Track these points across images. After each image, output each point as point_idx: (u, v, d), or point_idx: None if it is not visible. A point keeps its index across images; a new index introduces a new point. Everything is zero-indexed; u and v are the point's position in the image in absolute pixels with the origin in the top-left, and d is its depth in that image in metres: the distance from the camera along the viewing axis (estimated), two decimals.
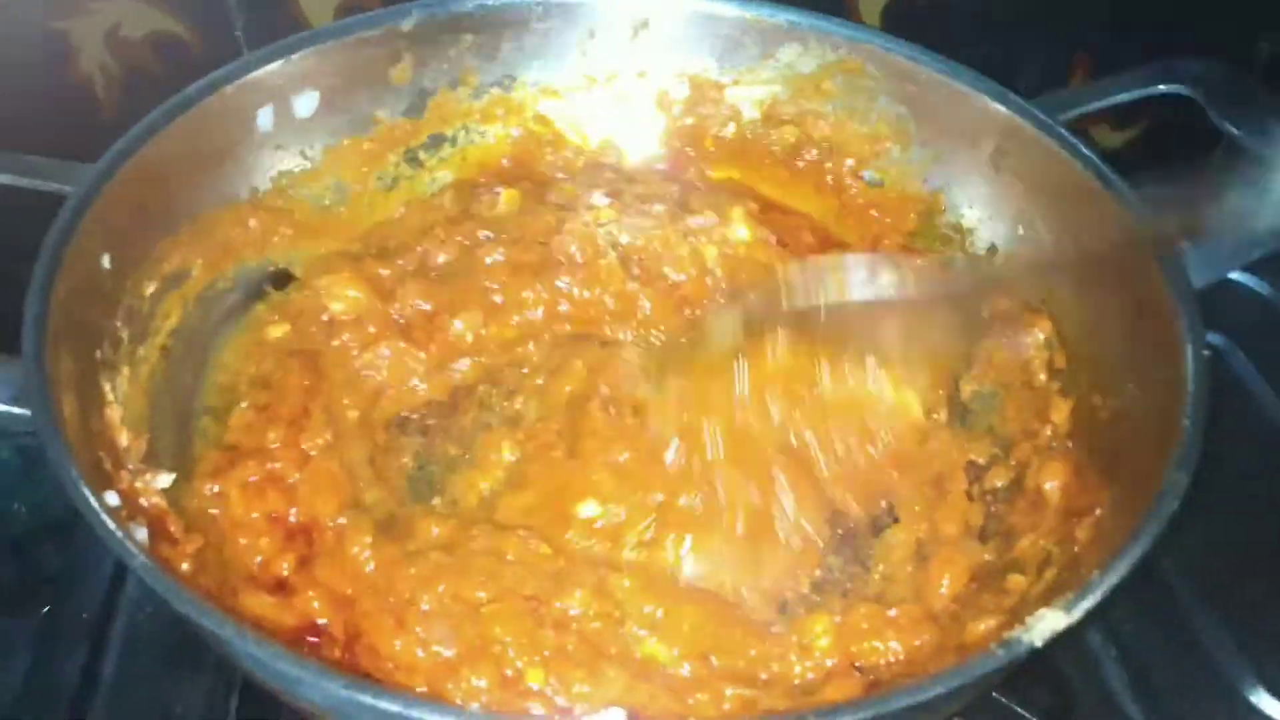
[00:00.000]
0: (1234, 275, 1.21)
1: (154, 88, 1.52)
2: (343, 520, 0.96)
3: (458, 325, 1.08)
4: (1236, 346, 1.22)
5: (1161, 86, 1.10)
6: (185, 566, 0.84)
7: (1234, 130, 1.03)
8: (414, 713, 0.66)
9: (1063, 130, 1.09)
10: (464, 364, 1.10)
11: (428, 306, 1.11)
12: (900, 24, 1.55)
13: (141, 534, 0.77)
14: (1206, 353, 0.87)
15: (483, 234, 1.18)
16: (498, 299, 1.11)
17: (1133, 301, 0.99)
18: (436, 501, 1.03)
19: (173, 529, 0.88)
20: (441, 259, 1.16)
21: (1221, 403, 0.84)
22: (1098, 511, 0.91)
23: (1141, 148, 1.66)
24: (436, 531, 0.96)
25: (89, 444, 0.84)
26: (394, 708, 0.66)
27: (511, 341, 1.12)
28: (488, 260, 1.14)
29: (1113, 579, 0.74)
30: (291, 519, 0.97)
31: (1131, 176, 1.06)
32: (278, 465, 0.99)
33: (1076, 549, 0.90)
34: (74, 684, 1.00)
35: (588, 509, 0.98)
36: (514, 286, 1.12)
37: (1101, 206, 1.02)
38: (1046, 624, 0.73)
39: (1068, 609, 0.73)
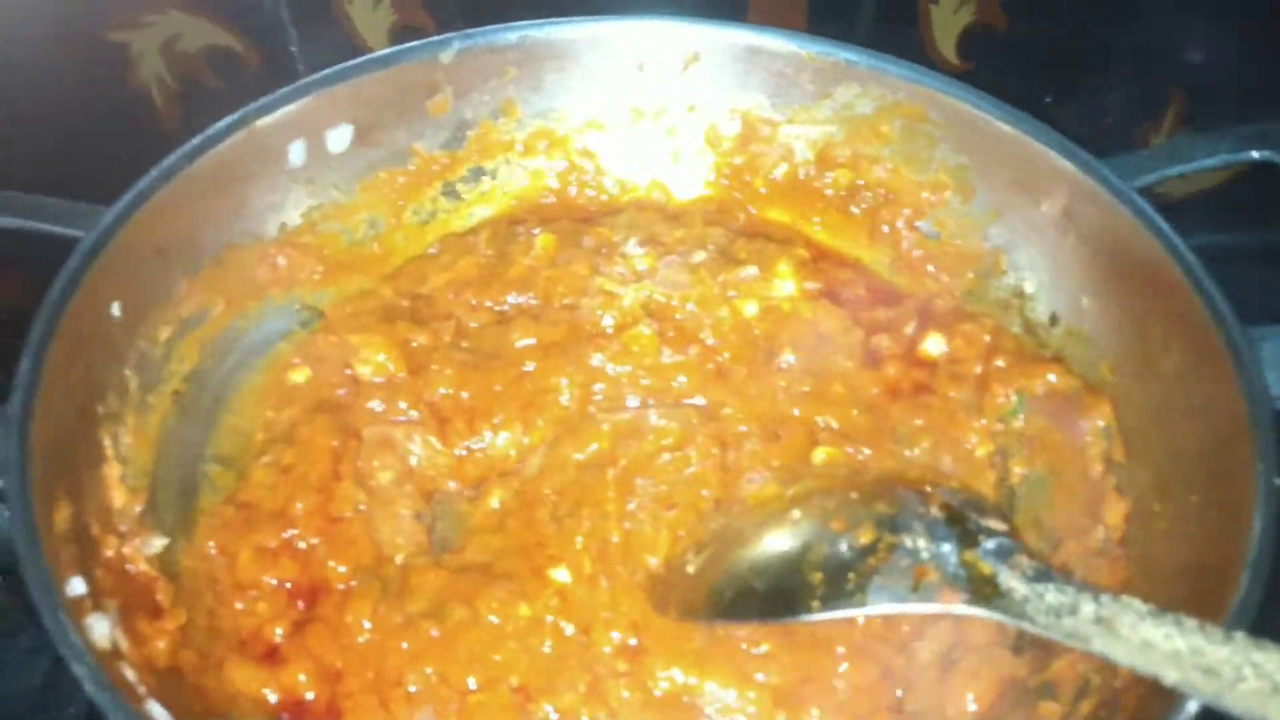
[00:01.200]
0: None
1: (210, 100, 1.53)
2: (354, 583, 0.94)
3: (500, 441, 1.03)
4: None
5: (1254, 153, 0.99)
6: (161, 645, 0.82)
7: None
8: None
9: (1138, 198, 0.99)
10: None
11: (463, 396, 1.06)
12: (977, 53, 1.46)
13: (104, 628, 0.75)
14: (1278, 481, 0.77)
15: (512, 299, 1.14)
16: (529, 386, 1.06)
17: (1203, 401, 0.90)
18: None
19: (159, 597, 0.86)
20: (474, 325, 1.12)
21: None
22: None
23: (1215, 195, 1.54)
24: (426, 585, 0.93)
25: (77, 512, 0.82)
26: None
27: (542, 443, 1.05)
28: (518, 344, 1.09)
29: None
30: (294, 582, 0.94)
31: (1201, 233, 0.96)
32: (298, 532, 0.96)
33: (1118, 684, 0.82)
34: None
35: (560, 574, 0.94)
36: (545, 370, 1.07)
37: (1176, 294, 0.92)
38: None
39: None
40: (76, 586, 0.75)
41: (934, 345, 1.13)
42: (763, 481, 1.00)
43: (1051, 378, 1.05)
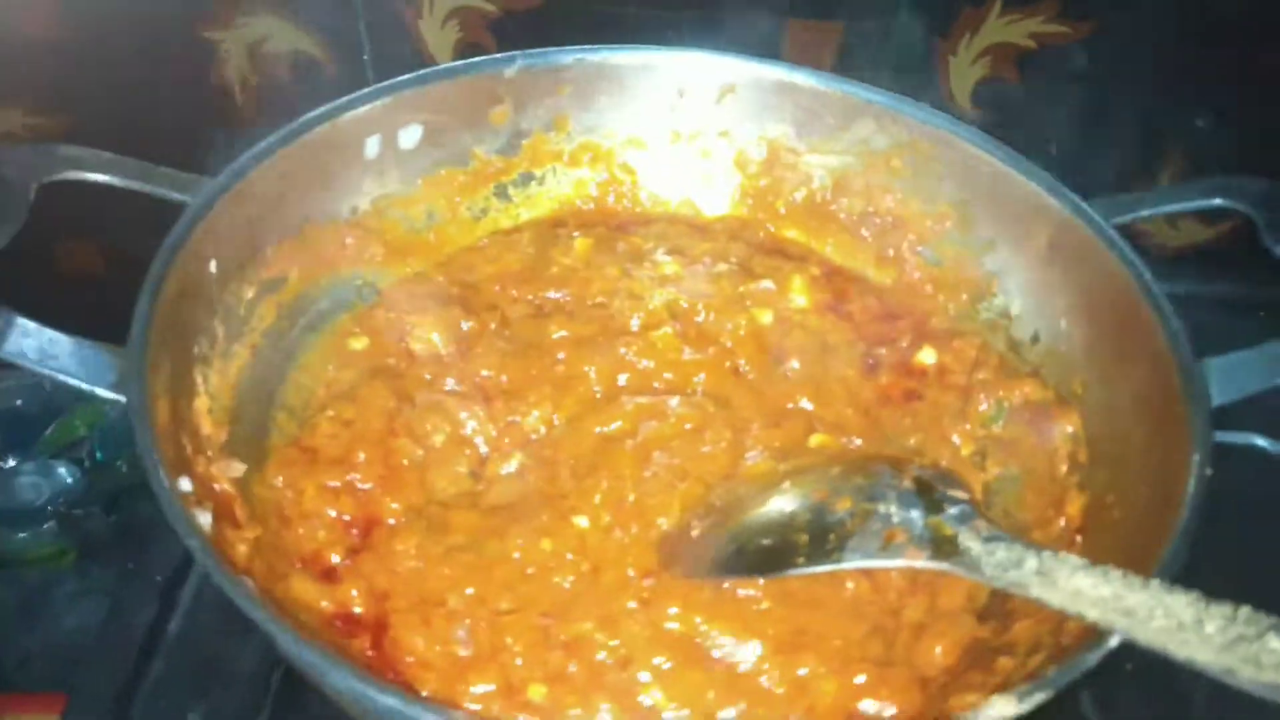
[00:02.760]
0: None
1: (286, 101, 1.68)
2: (402, 520, 1.06)
3: (532, 419, 1.15)
4: None
5: (1218, 200, 1.12)
6: (242, 549, 0.95)
7: None
8: (413, 712, 0.75)
9: (1113, 233, 1.13)
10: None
11: (503, 379, 1.18)
12: (990, 103, 1.59)
13: (206, 519, 0.88)
14: (1209, 472, 0.90)
15: (550, 294, 1.27)
16: (561, 371, 1.18)
17: (1156, 409, 1.02)
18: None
19: (238, 513, 0.99)
20: (515, 315, 1.25)
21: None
22: None
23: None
24: (464, 524, 1.05)
25: (175, 430, 0.95)
26: (394, 703, 0.75)
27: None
28: (555, 335, 1.22)
29: (1066, 678, 0.78)
30: (352, 516, 1.07)
31: (1187, 282, 1.09)
32: (358, 476, 1.09)
33: (1064, 640, 0.93)
34: (142, 635, 1.13)
35: (580, 520, 1.06)
36: (576, 359, 1.19)
37: (1141, 319, 1.05)
38: (995, 710, 0.77)
39: (1020, 698, 0.78)
40: (184, 484, 0.88)
41: (927, 356, 1.25)
42: (760, 458, 1.12)
43: (1027, 390, 1.18)
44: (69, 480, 1.45)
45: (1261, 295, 1.56)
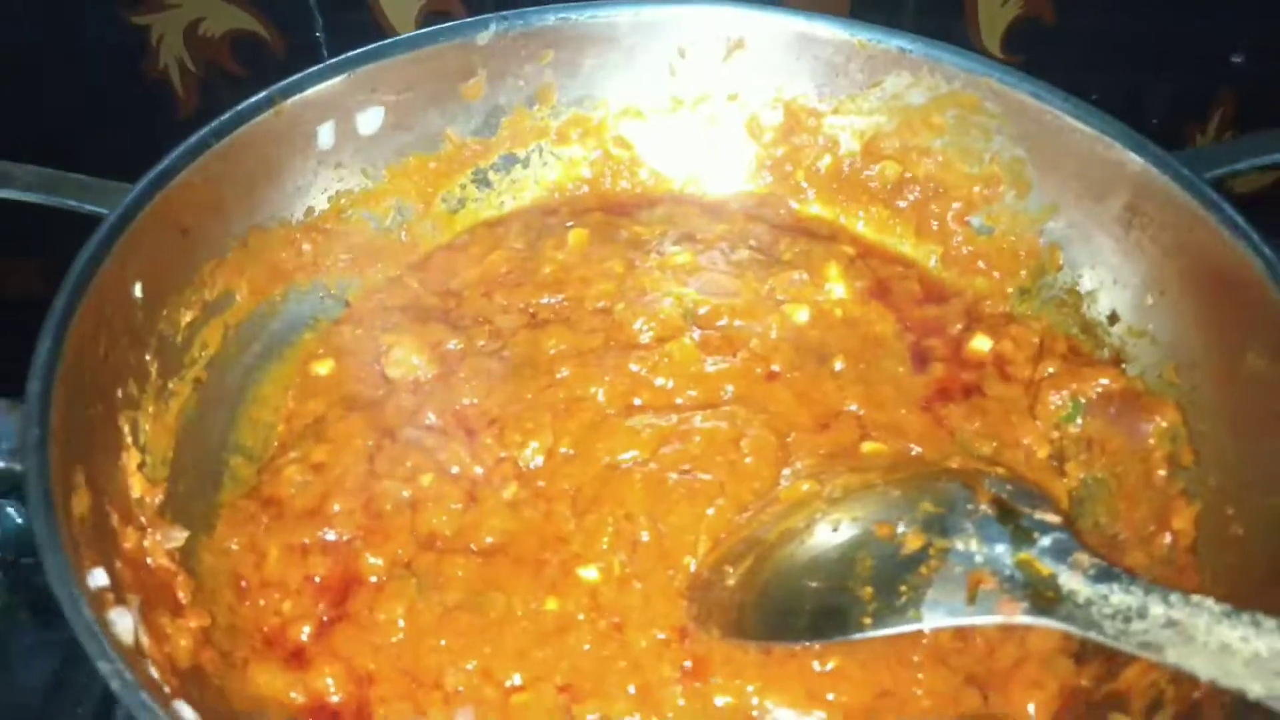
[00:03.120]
0: None
1: (232, 86, 1.49)
2: (387, 577, 0.89)
3: (528, 452, 0.97)
4: None
5: None
6: (184, 643, 0.78)
7: None
8: None
9: (1210, 190, 0.95)
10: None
11: (492, 408, 1.00)
12: (1024, 47, 1.41)
13: (127, 623, 0.70)
14: None
15: (545, 299, 1.09)
16: (562, 395, 1.00)
17: (1278, 405, 0.85)
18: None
19: (180, 594, 0.81)
20: (506, 326, 1.07)
21: None
22: None
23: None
24: (460, 574, 0.89)
25: (96, 501, 0.78)
26: None
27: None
28: (552, 350, 1.04)
29: None
30: (325, 577, 0.90)
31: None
32: (334, 530, 0.92)
33: (1197, 695, 0.77)
34: (102, 687, 0.97)
35: (589, 574, 0.89)
36: (580, 380, 1.01)
37: (1253, 293, 0.88)
38: None
39: None
40: (98, 578, 0.70)
41: (981, 344, 1.08)
42: (804, 470, 0.95)
43: (1105, 381, 1.01)
44: (17, 521, 1.28)
45: None
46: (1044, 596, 0.76)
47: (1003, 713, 0.83)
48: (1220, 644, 0.67)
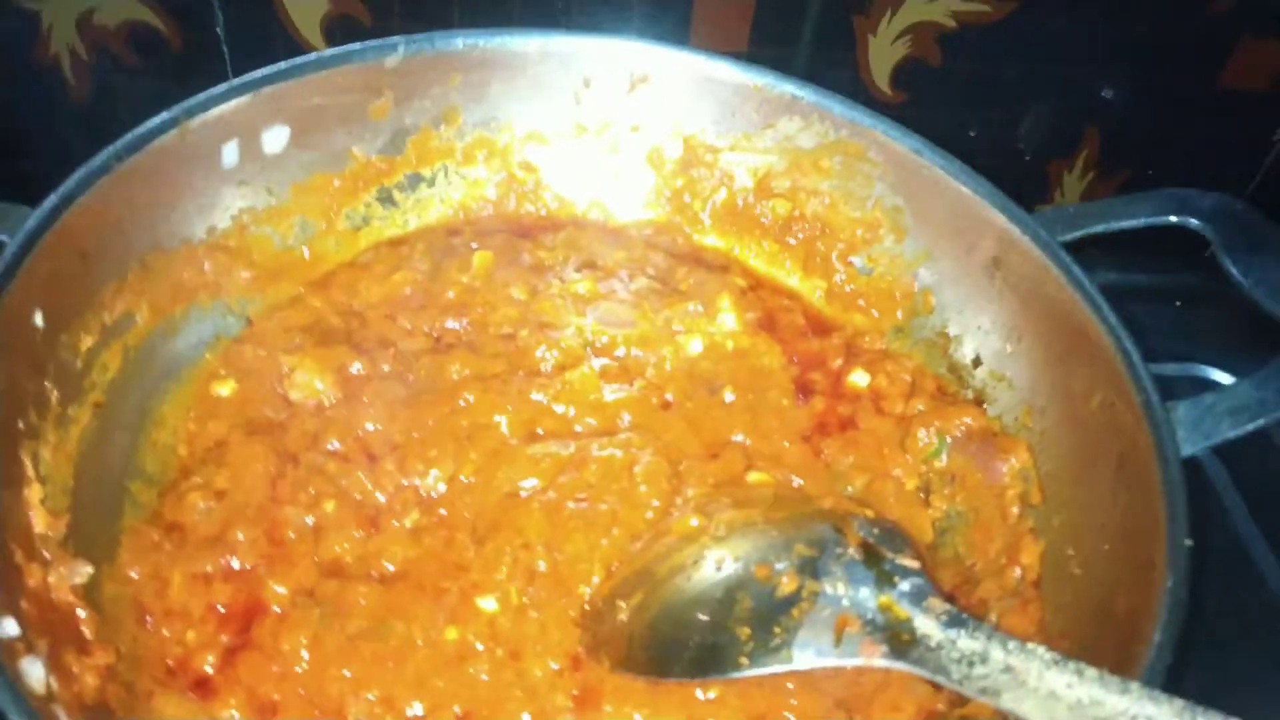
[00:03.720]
0: None
1: (127, 78, 1.46)
2: (290, 605, 0.92)
3: (430, 479, 1.00)
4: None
5: (1172, 218, 1.05)
6: (90, 681, 0.79)
7: (1241, 279, 0.98)
8: None
9: (1063, 252, 1.04)
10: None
11: (395, 433, 1.03)
12: (910, 85, 1.49)
13: (38, 672, 0.72)
14: (1188, 543, 0.83)
15: (449, 323, 1.12)
16: (465, 422, 1.04)
17: (1116, 454, 0.95)
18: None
19: (86, 631, 0.83)
20: (410, 350, 1.09)
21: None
22: None
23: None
24: (363, 602, 0.92)
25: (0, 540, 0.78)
26: None
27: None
28: (456, 376, 1.07)
29: None
30: (228, 606, 0.92)
31: (1100, 271, 1.02)
32: (237, 558, 0.93)
33: None
34: None
35: (487, 604, 0.94)
36: (485, 405, 1.05)
37: (1096, 350, 0.97)
38: None
39: None
40: (8, 628, 0.71)
41: (860, 379, 1.16)
42: (685, 510, 1.01)
43: (968, 420, 1.10)
44: None
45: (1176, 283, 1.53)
46: (901, 639, 0.84)
47: None
48: (1049, 690, 0.76)
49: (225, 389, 1.06)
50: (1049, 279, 1.05)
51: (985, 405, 1.12)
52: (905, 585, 0.87)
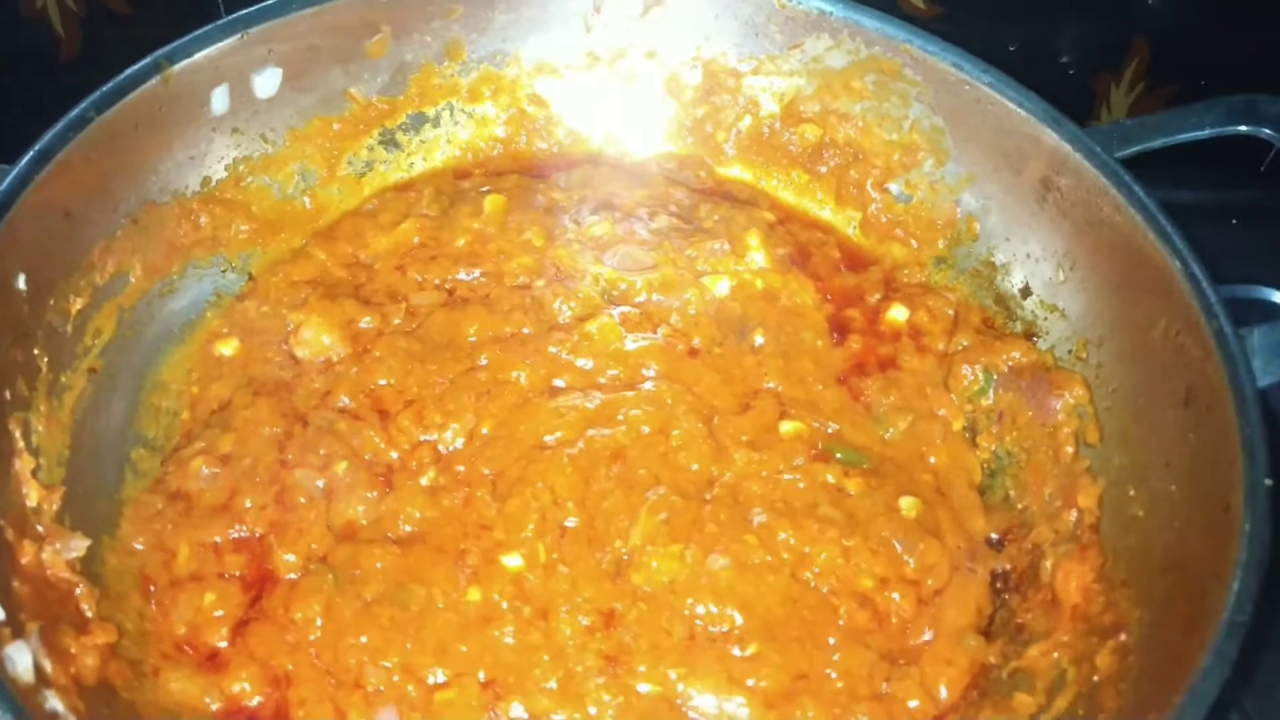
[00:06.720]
0: None
1: (118, 26, 1.39)
2: (303, 573, 0.88)
3: (448, 434, 0.95)
4: None
5: (1242, 127, 0.96)
6: (90, 662, 0.75)
7: None
8: None
9: (1122, 170, 0.95)
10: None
11: (408, 388, 0.97)
12: None
13: (25, 661, 0.67)
14: (1268, 482, 0.75)
15: (462, 275, 1.06)
16: (482, 377, 0.98)
17: (1183, 387, 0.87)
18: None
19: (84, 606, 0.79)
20: (423, 304, 1.03)
21: None
22: (1123, 636, 0.81)
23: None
24: (380, 565, 0.87)
25: None
26: None
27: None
28: (472, 335, 1.01)
29: None
30: (242, 574, 0.88)
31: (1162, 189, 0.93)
32: (247, 526, 0.89)
33: (1096, 678, 0.80)
34: None
35: (512, 560, 0.89)
36: (503, 363, 0.99)
37: (1159, 276, 0.89)
38: None
39: None
40: None
41: (898, 314, 1.09)
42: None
43: (1017, 354, 1.02)
44: None
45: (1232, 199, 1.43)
46: None
47: (910, 692, 0.85)
48: None
49: (228, 348, 1.01)
50: (1106, 200, 0.96)
51: (1035, 338, 1.04)
52: None
